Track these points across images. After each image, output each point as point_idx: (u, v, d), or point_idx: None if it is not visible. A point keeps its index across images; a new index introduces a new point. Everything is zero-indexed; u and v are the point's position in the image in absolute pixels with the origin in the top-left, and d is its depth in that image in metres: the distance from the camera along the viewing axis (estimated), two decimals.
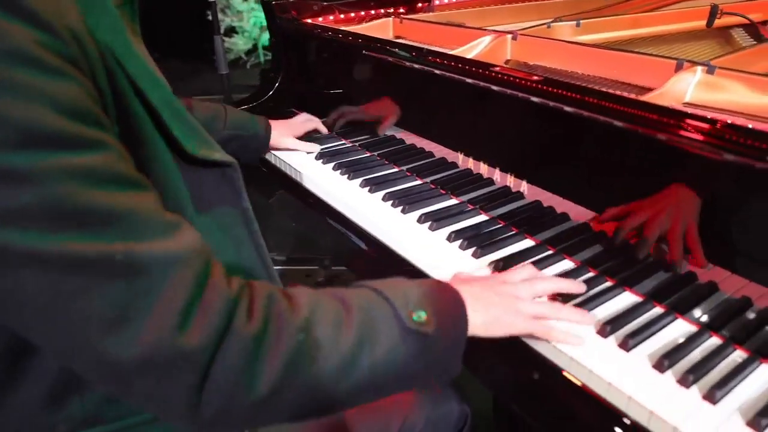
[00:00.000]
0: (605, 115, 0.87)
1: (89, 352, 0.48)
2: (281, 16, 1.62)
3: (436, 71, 1.15)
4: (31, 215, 0.44)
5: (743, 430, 0.61)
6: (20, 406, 0.60)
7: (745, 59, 1.19)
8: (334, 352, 0.57)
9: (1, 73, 0.43)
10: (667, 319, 0.76)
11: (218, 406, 0.52)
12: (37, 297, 0.46)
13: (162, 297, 0.49)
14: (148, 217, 0.51)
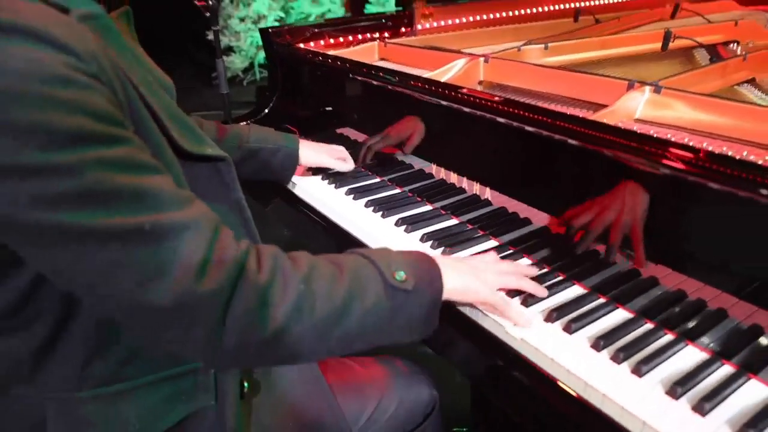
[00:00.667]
0: (557, 132, 0.99)
1: (132, 303, 0.61)
2: (277, 42, 1.75)
3: (412, 93, 1.28)
4: (77, 198, 0.57)
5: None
6: (58, 366, 0.72)
7: (695, 79, 1.31)
8: (329, 302, 0.69)
9: (43, 91, 0.55)
10: (607, 308, 0.88)
11: (234, 344, 0.64)
12: (88, 264, 0.59)
13: (183, 254, 0.61)
14: (166, 193, 0.63)
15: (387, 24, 1.94)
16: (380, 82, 1.37)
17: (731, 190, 0.76)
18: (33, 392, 0.73)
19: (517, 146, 1.09)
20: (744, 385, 0.73)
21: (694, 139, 1.06)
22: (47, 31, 0.57)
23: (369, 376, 1.01)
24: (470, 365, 0.92)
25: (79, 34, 0.60)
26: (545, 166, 1.05)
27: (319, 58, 1.62)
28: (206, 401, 0.81)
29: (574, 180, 1.01)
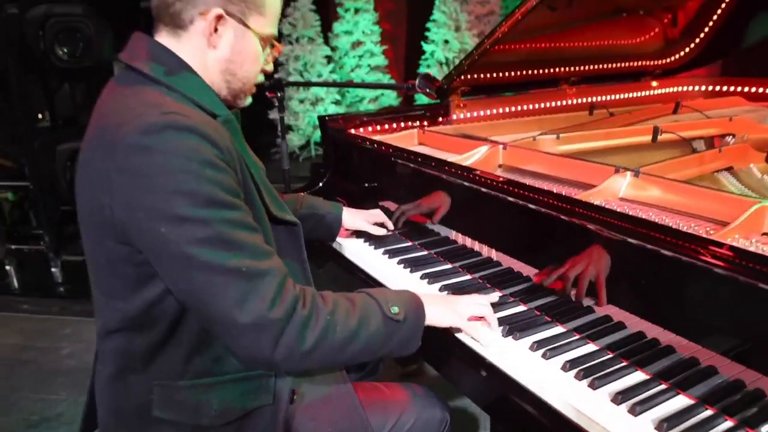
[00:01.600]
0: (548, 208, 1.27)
1: (224, 318, 0.92)
2: (332, 127, 2.11)
3: (440, 174, 1.59)
4: (206, 242, 0.89)
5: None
6: (165, 360, 1.03)
7: (674, 166, 1.57)
8: (345, 329, 1.00)
9: (199, 170, 0.89)
10: (578, 341, 1.12)
11: (284, 354, 0.94)
12: (203, 286, 0.91)
13: (263, 291, 0.93)
14: (259, 248, 0.96)
15: (426, 114, 2.29)
16: (415, 164, 1.69)
17: (674, 255, 1.00)
18: (143, 380, 1.03)
19: (520, 218, 1.37)
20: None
21: (661, 213, 1.32)
22: (205, 132, 0.93)
23: (392, 395, 1.26)
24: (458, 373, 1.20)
25: (222, 134, 0.97)
26: (541, 233, 1.33)
27: (366, 142, 1.96)
28: (266, 401, 1.09)
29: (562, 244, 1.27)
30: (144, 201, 0.90)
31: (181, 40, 1.05)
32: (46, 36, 3.23)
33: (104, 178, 0.93)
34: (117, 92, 1.02)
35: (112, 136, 0.92)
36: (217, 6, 1.03)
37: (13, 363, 2.80)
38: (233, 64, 1.09)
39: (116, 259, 0.97)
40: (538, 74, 2.61)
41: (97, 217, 0.96)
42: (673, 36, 3.03)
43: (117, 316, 1.02)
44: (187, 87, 1.03)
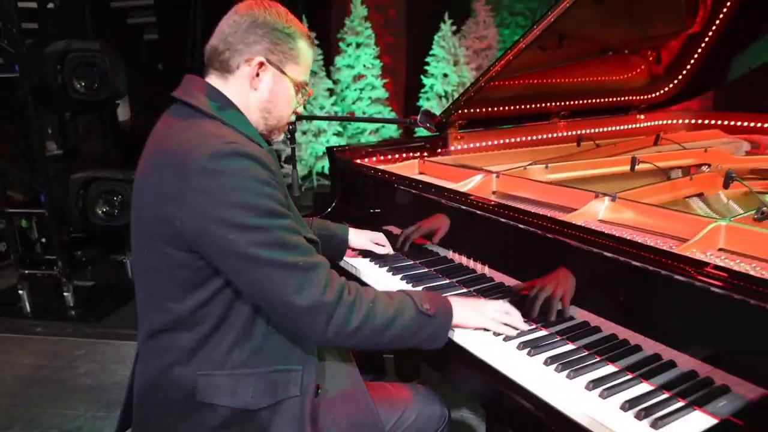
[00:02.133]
0: (532, 226, 1.44)
1: (286, 303, 1.11)
2: (339, 157, 2.29)
3: (439, 199, 1.75)
4: (268, 244, 1.09)
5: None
6: (209, 352, 1.19)
7: (649, 192, 1.74)
8: (384, 316, 1.20)
9: (257, 187, 1.09)
10: (560, 343, 1.28)
11: (335, 330, 1.14)
12: (267, 278, 1.09)
13: (316, 280, 1.13)
14: (307, 247, 1.16)
15: (426, 145, 2.47)
16: (416, 191, 1.87)
17: (643, 265, 1.17)
18: (189, 371, 1.19)
19: (509, 237, 1.53)
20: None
21: (634, 232, 1.48)
22: (260, 158, 1.13)
23: (398, 393, 1.42)
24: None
25: (271, 159, 1.17)
26: (528, 251, 1.49)
27: (371, 171, 2.14)
28: (294, 393, 1.24)
29: (546, 259, 1.43)
30: (214, 213, 1.09)
31: (228, 82, 1.26)
32: (65, 70, 3.43)
33: (174, 194, 1.11)
34: (176, 123, 1.21)
35: (182, 159, 1.11)
36: (260, 55, 1.24)
37: (30, 382, 2.93)
38: (270, 104, 1.29)
39: (175, 264, 1.15)
40: (531, 109, 2.81)
41: (163, 227, 1.13)
42: (657, 73, 3.24)
43: (167, 316, 1.19)
44: (236, 121, 1.23)
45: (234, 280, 1.15)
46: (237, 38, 1.23)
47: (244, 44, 1.24)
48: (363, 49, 6.40)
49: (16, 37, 3.35)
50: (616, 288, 1.26)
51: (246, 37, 1.23)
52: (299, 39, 1.29)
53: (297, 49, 1.28)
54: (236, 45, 1.24)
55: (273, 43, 1.25)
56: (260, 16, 1.24)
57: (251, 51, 1.24)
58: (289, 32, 1.27)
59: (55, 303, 3.78)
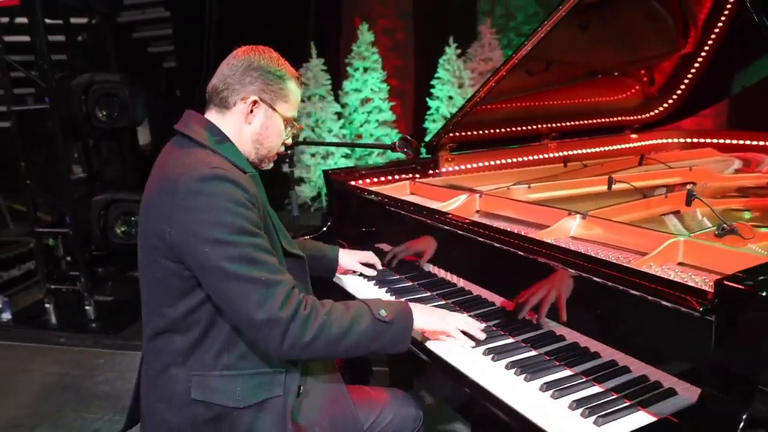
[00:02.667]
0: (508, 245, 1.56)
1: (248, 315, 1.24)
2: (334, 179, 2.44)
3: (425, 219, 1.89)
4: (236, 259, 1.22)
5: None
6: (201, 355, 1.33)
7: (620, 210, 1.86)
8: (339, 326, 1.30)
9: (233, 208, 1.24)
10: (524, 349, 1.41)
11: (290, 343, 1.25)
12: (232, 291, 1.23)
13: (277, 295, 1.25)
14: (274, 265, 1.28)
15: (417, 167, 2.61)
16: (402, 211, 2.01)
17: (602, 281, 1.28)
18: (184, 371, 1.34)
19: (483, 253, 1.66)
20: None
21: (601, 248, 1.60)
22: (239, 181, 1.28)
23: (376, 395, 1.55)
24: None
25: (250, 184, 1.32)
26: (499, 265, 1.62)
27: (364, 192, 2.29)
28: (278, 392, 1.37)
29: (517, 274, 1.56)
30: (194, 228, 1.25)
31: (225, 117, 1.44)
32: (89, 101, 3.67)
33: (167, 211, 1.28)
34: (175, 152, 1.39)
35: (174, 182, 1.28)
36: (254, 94, 1.42)
37: (55, 388, 3.18)
38: (262, 136, 1.47)
39: (167, 273, 1.30)
40: (522, 131, 2.93)
41: (158, 241, 1.30)
42: (650, 93, 3.32)
43: (164, 320, 1.34)
44: (227, 151, 1.39)
45: (209, 291, 1.29)
46: (235, 79, 1.41)
47: (240, 84, 1.41)
48: (370, 73, 6.60)
49: (47, 71, 3.64)
50: (576, 299, 1.38)
51: (242, 78, 1.41)
52: (289, 80, 1.47)
53: (287, 89, 1.47)
54: (234, 85, 1.41)
55: (266, 84, 1.43)
56: (255, 61, 1.43)
57: (246, 90, 1.42)
58: (280, 74, 1.45)
59: (78, 316, 4.03)
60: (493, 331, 1.52)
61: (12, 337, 3.87)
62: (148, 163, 1.47)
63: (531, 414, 1.17)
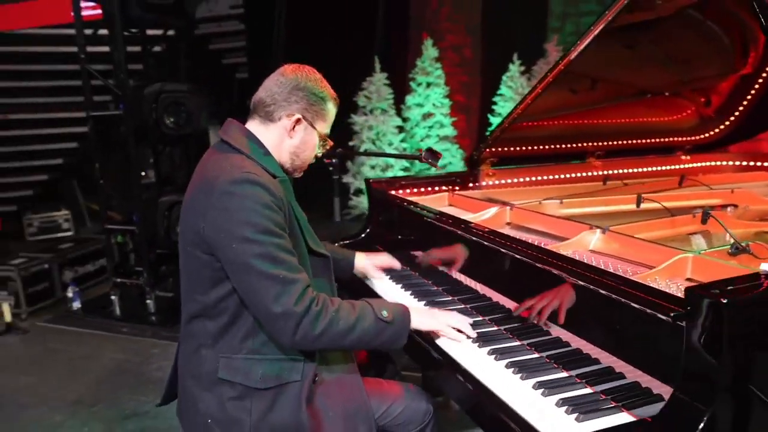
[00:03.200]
0: (522, 255, 1.64)
1: (266, 308, 1.37)
2: (375, 188, 2.57)
3: (456, 230, 1.98)
4: (261, 256, 1.36)
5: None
6: (229, 339, 1.48)
7: (643, 227, 1.89)
8: (346, 323, 1.42)
9: (261, 210, 1.38)
10: (530, 353, 1.47)
11: (301, 335, 1.37)
12: (253, 285, 1.37)
13: (293, 291, 1.37)
14: (294, 264, 1.41)
15: (457, 180, 2.70)
16: (431, 219, 2.11)
17: (605, 293, 1.34)
18: (213, 353, 1.48)
19: (504, 262, 1.74)
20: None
21: (617, 262, 1.65)
22: (267, 185, 1.42)
23: (389, 387, 1.66)
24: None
25: (278, 188, 1.46)
26: (516, 273, 1.69)
27: (403, 202, 2.40)
28: (295, 378, 1.49)
29: (530, 281, 1.62)
30: (225, 226, 1.39)
31: (268, 129, 1.59)
32: (158, 108, 3.96)
33: (202, 209, 1.43)
34: (215, 156, 1.55)
35: (211, 183, 1.43)
36: (298, 112, 1.57)
37: (115, 372, 3.47)
38: (299, 149, 1.62)
39: (201, 264, 1.45)
40: (566, 148, 2.96)
41: (194, 235, 1.45)
42: (706, 114, 3.27)
43: (197, 305, 1.49)
44: (260, 158, 1.53)
45: (234, 284, 1.43)
46: (282, 96, 1.56)
47: (287, 102, 1.56)
48: (433, 88, 6.72)
49: (123, 80, 3.97)
50: (579, 306, 1.44)
51: (289, 96, 1.56)
52: (329, 101, 1.62)
53: (326, 110, 1.61)
54: (281, 102, 1.56)
55: (309, 104, 1.57)
56: (302, 81, 1.57)
57: (292, 108, 1.56)
58: (322, 96, 1.59)
59: (140, 309, 4.33)
60: (503, 334, 1.59)
61: (81, 324, 4.22)
62: None
63: (519, 408, 1.25)
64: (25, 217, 6.60)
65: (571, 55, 2.16)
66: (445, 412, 2.75)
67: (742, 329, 1.02)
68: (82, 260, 4.91)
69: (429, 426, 1.63)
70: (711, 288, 1.04)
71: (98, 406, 3.05)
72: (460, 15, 7.54)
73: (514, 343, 1.54)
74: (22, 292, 4.27)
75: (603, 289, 1.32)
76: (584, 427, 1.16)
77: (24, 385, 3.32)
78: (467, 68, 7.51)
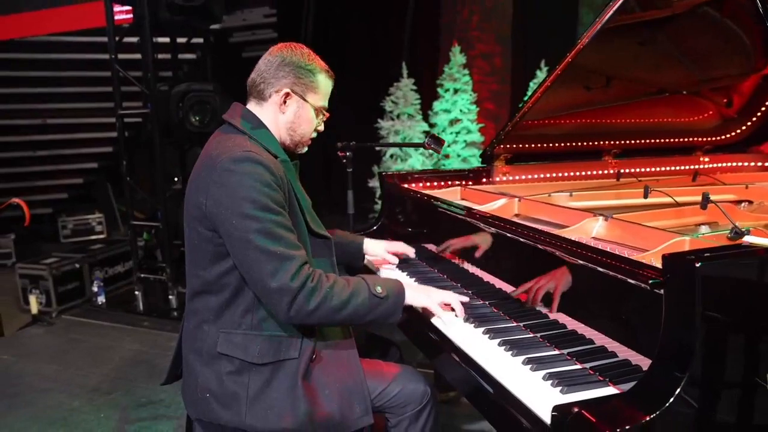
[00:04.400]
0: (531, 240, 1.65)
1: (263, 282, 1.41)
2: (388, 182, 2.60)
3: (467, 219, 1.99)
4: (259, 232, 1.40)
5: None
6: (229, 315, 1.52)
7: (652, 216, 1.88)
8: (340, 298, 1.45)
9: (260, 187, 1.42)
10: (525, 333, 1.48)
11: (296, 310, 1.41)
12: (252, 259, 1.41)
13: (289, 267, 1.41)
14: (292, 241, 1.45)
15: (470, 175, 2.71)
16: (438, 206, 2.13)
17: (606, 271, 1.34)
18: (214, 329, 1.52)
19: (511, 248, 1.75)
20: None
21: (617, 247, 1.64)
22: (267, 164, 1.46)
23: (387, 368, 1.67)
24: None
25: (278, 168, 1.50)
26: (526, 258, 1.70)
27: (413, 193, 2.42)
28: (293, 355, 1.53)
29: (533, 263, 1.63)
30: (225, 201, 1.43)
31: (263, 107, 1.63)
32: (184, 107, 4.08)
33: (205, 185, 1.47)
34: (220, 136, 1.59)
35: (213, 161, 1.48)
36: (287, 87, 1.60)
37: (134, 362, 3.57)
38: (294, 124, 1.64)
39: (203, 240, 1.50)
40: (583, 146, 2.95)
41: (197, 211, 1.49)
42: (726, 114, 3.21)
43: (199, 281, 1.54)
44: (261, 137, 1.58)
45: (233, 258, 1.46)
46: (270, 74, 1.60)
47: (275, 78, 1.60)
48: (460, 95, 6.73)
49: (151, 81, 4.12)
50: (571, 287, 1.44)
51: (276, 73, 1.60)
52: (319, 73, 1.64)
53: (317, 81, 1.64)
54: (269, 79, 1.60)
55: (297, 77, 1.61)
56: (288, 57, 1.61)
57: (280, 84, 1.60)
58: (310, 68, 1.62)
59: (162, 304, 4.46)
60: (501, 316, 1.60)
61: (105, 318, 4.34)
62: None
63: (505, 380, 1.27)
64: (60, 220, 6.82)
65: (579, 47, 2.17)
66: (456, 408, 2.76)
67: (717, 294, 1.02)
68: (112, 261, 5.04)
69: (427, 408, 1.63)
70: (685, 254, 1.04)
71: (115, 394, 3.14)
72: (490, 24, 7.55)
73: (509, 324, 1.55)
74: (53, 290, 4.38)
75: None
76: (568, 397, 1.16)
77: (45, 373, 3.44)
78: (497, 76, 7.50)
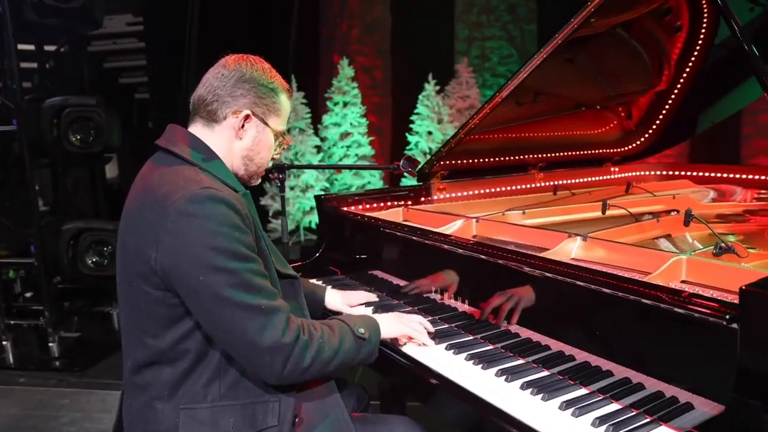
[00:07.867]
0: (506, 260, 1.53)
1: (248, 342, 1.17)
2: (326, 205, 2.39)
3: (424, 241, 1.85)
4: (235, 285, 1.15)
5: None
6: (189, 387, 1.24)
7: (618, 233, 1.85)
8: (331, 348, 1.27)
9: (227, 231, 1.16)
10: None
11: (291, 369, 1.19)
12: (230, 318, 1.15)
13: (277, 322, 1.18)
14: (271, 290, 1.21)
15: (410, 194, 2.58)
16: (402, 234, 1.97)
17: (592, 287, 1.29)
18: (171, 406, 1.25)
19: (478, 271, 1.63)
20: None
21: (604, 268, 1.58)
22: (233, 203, 1.21)
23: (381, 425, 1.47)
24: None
25: (243, 204, 1.24)
26: (500, 282, 1.58)
27: (357, 217, 2.24)
28: (272, 423, 1.29)
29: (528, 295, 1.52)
30: (185, 253, 1.16)
31: (213, 131, 1.36)
32: (61, 124, 3.56)
33: (153, 234, 1.19)
34: (159, 169, 1.30)
35: (161, 202, 1.20)
36: (247, 108, 1.35)
37: (16, 431, 2.98)
38: (252, 152, 1.40)
39: (151, 301, 1.22)
40: (509, 161, 2.95)
41: (141, 266, 1.21)
42: (628, 127, 3.41)
43: (148, 351, 1.25)
44: (215, 168, 1.32)
45: (200, 319, 1.21)
46: (225, 91, 1.34)
47: (231, 97, 1.34)
48: (350, 108, 6.64)
49: (16, 92, 3.52)
50: (592, 318, 1.35)
51: (234, 90, 1.34)
52: (281, 93, 1.41)
53: (279, 103, 1.41)
54: (224, 97, 1.34)
55: (258, 97, 1.36)
56: (247, 72, 1.36)
57: (238, 104, 1.35)
58: (272, 87, 1.39)
59: (39, 353, 3.80)
60: (502, 353, 1.47)
61: None
62: (117, 195, 1.39)
63: None
64: None
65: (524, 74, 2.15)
66: None
67: None
68: None
69: None
70: (761, 285, 0.99)
71: None
72: (371, 37, 7.58)
73: (518, 362, 1.41)
74: None
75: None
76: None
77: None
78: (378, 89, 7.53)
